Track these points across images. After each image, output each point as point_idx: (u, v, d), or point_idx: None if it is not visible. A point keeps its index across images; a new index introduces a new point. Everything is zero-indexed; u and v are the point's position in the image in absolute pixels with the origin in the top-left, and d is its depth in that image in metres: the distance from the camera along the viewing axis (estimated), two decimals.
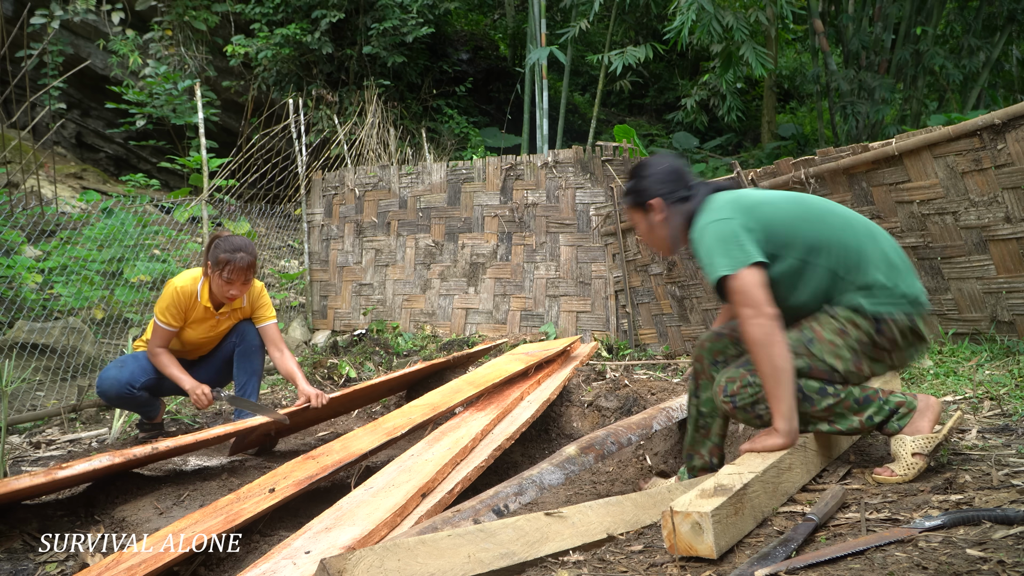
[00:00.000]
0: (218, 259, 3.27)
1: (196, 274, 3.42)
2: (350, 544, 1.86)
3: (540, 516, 1.86)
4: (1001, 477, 1.94)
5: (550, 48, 7.76)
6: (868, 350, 2.01)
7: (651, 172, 2.22)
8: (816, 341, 2.00)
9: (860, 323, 2.00)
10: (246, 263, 3.29)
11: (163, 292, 3.40)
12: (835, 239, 2.03)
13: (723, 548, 1.61)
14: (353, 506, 2.15)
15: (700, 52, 10.92)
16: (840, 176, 4.32)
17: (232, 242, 3.31)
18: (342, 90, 9.20)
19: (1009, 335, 3.86)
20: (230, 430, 3.03)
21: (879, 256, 2.04)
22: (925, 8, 7.48)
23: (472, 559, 1.60)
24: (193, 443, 2.82)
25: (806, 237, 2.02)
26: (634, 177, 2.26)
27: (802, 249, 2.02)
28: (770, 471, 1.87)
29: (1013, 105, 3.73)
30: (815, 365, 2.00)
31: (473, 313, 6.13)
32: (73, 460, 2.48)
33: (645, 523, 1.95)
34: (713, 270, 1.97)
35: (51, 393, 4.34)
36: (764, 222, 2.03)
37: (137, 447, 2.60)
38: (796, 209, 2.07)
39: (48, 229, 5.72)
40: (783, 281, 2.03)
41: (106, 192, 8.31)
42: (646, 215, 2.23)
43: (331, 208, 6.80)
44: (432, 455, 2.54)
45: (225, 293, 3.32)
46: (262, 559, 1.87)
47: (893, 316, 1.99)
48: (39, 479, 2.33)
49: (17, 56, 7.29)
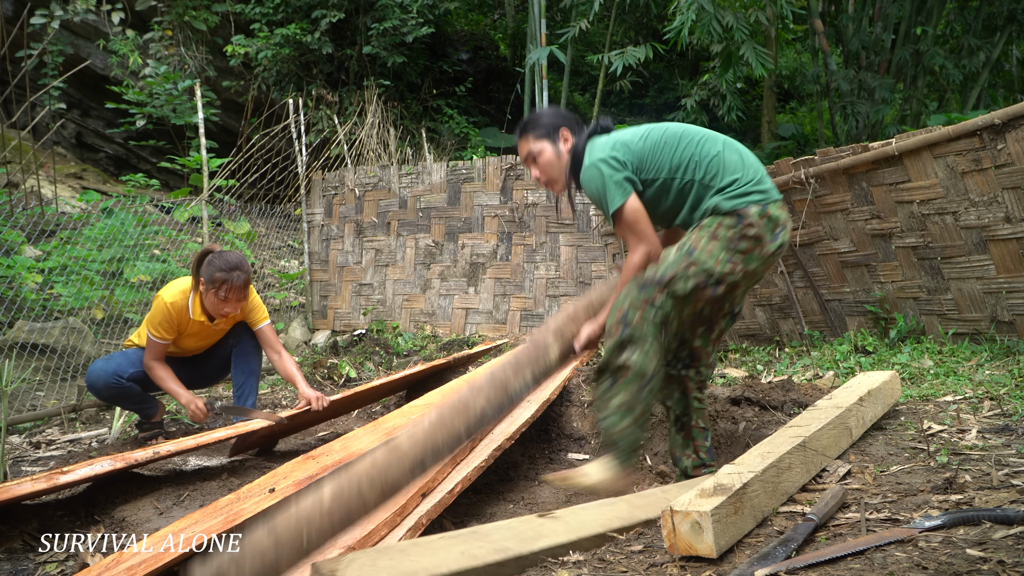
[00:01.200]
0: (213, 277, 3.21)
1: (185, 287, 3.36)
2: (350, 544, 1.86)
3: (533, 518, 1.87)
4: (1001, 477, 1.94)
5: (550, 48, 7.76)
6: (738, 245, 2.18)
7: (550, 111, 2.44)
8: (695, 249, 2.18)
9: (724, 222, 2.20)
10: (242, 282, 3.24)
11: (154, 307, 3.34)
12: (695, 153, 2.28)
13: (723, 548, 1.61)
14: None
15: (700, 52, 10.91)
16: (840, 176, 4.32)
17: (227, 259, 3.24)
18: (342, 90, 9.20)
19: (1009, 335, 3.86)
20: (231, 433, 3.03)
21: (734, 159, 2.28)
22: (925, 8, 7.48)
23: (466, 555, 1.60)
24: (194, 446, 2.82)
25: (671, 159, 2.28)
26: (535, 116, 2.41)
27: (668, 169, 2.27)
28: (770, 470, 1.87)
29: (1013, 105, 3.73)
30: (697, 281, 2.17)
31: (473, 313, 6.13)
32: (74, 463, 2.48)
33: (640, 519, 1.95)
34: (610, 204, 2.22)
35: (51, 393, 4.34)
36: (638, 154, 2.28)
37: (138, 450, 2.60)
38: (661, 136, 2.32)
39: (48, 229, 5.72)
40: (659, 198, 2.30)
41: (106, 192, 8.31)
42: (554, 144, 2.38)
43: (331, 208, 6.80)
44: None
45: (220, 311, 3.29)
46: None
47: (748, 207, 2.19)
48: (40, 484, 2.32)
49: (17, 56, 7.29)
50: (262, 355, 3.65)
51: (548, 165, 2.38)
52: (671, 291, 2.14)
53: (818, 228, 4.51)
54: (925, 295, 4.19)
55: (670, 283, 2.14)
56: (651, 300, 2.15)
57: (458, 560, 1.58)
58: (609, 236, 5.68)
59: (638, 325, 2.15)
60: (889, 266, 4.30)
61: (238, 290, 3.23)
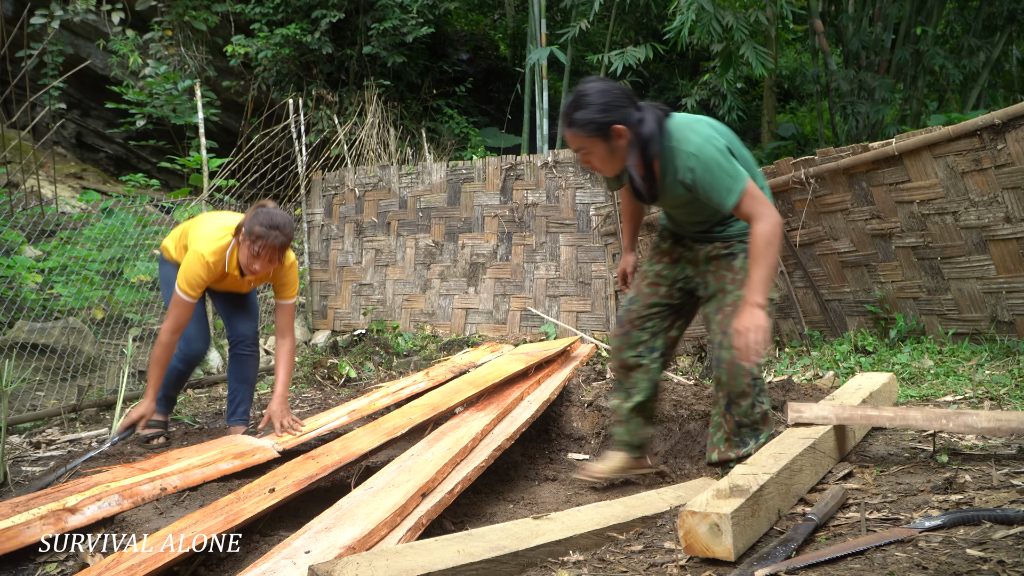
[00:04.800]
0: (252, 230, 2.99)
1: (225, 241, 3.15)
2: (350, 544, 1.86)
3: (529, 520, 1.87)
4: (1001, 477, 1.94)
5: (550, 48, 7.76)
6: None
7: (602, 98, 2.14)
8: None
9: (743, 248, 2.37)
10: (279, 243, 3.01)
11: (188, 259, 3.10)
12: (749, 158, 2.32)
13: (740, 550, 1.59)
14: (353, 506, 2.15)
15: (700, 52, 10.90)
16: (840, 176, 4.32)
17: (272, 217, 3.01)
18: (342, 90, 9.20)
19: (1009, 335, 3.86)
20: (236, 467, 2.80)
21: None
22: (925, 8, 7.48)
23: (462, 553, 1.61)
24: (200, 482, 2.65)
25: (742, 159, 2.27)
26: (583, 106, 2.15)
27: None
28: (783, 472, 1.87)
29: (1013, 105, 3.73)
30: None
31: (473, 313, 6.13)
32: (81, 501, 2.39)
33: (637, 517, 1.96)
34: (736, 186, 2.11)
35: (51, 393, 4.34)
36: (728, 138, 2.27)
37: (144, 485, 2.50)
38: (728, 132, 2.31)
39: (48, 229, 5.72)
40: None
41: (106, 192, 8.31)
42: (607, 142, 2.17)
43: (331, 208, 6.80)
44: (432, 455, 2.54)
45: (249, 266, 3.06)
46: (262, 559, 1.87)
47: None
48: (48, 529, 2.25)
49: (17, 56, 7.29)
50: (259, 361, 3.60)
51: (602, 161, 2.24)
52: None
53: (818, 228, 4.51)
54: (925, 295, 4.19)
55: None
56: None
57: (454, 558, 1.58)
58: (609, 236, 5.68)
59: (759, 376, 2.37)
60: (889, 266, 4.30)
61: (272, 250, 3.01)
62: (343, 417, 3.19)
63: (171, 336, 3.13)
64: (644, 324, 2.56)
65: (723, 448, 2.46)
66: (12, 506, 2.34)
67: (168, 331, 3.12)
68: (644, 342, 2.56)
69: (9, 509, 2.31)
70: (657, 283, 2.56)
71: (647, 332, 2.56)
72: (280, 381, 3.20)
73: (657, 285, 2.56)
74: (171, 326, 3.12)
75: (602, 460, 2.70)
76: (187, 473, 2.62)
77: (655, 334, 2.56)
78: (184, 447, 3.10)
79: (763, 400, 2.39)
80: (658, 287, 2.56)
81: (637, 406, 2.60)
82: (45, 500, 2.38)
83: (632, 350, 2.56)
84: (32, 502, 2.38)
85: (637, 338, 2.56)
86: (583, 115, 2.14)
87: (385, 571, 1.50)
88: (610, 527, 1.88)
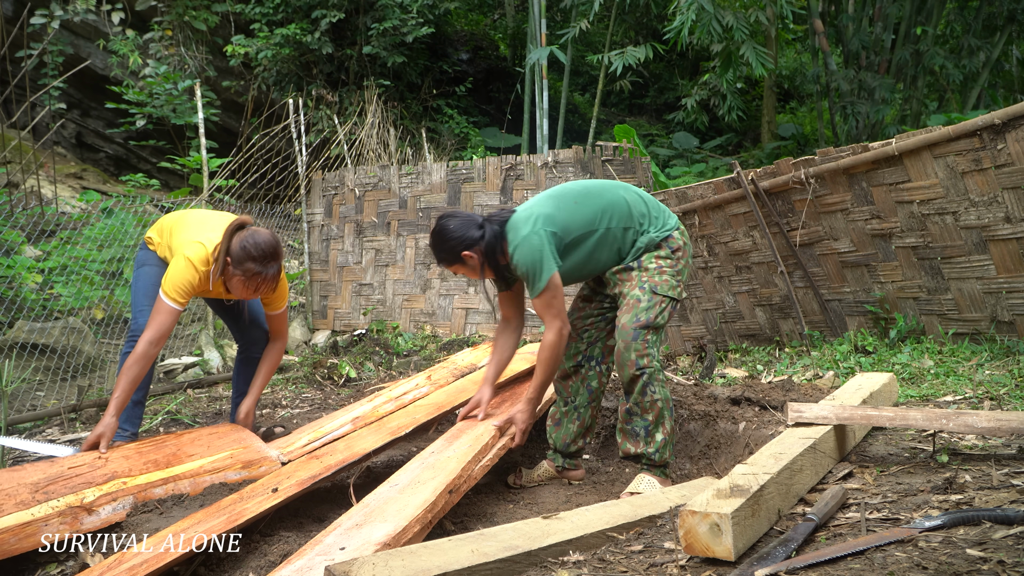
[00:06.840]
0: (246, 266, 2.78)
1: (208, 256, 2.88)
2: (385, 541, 1.84)
3: (539, 519, 1.88)
4: (1001, 477, 1.94)
5: (550, 48, 7.77)
6: (678, 267, 2.62)
7: (450, 235, 2.59)
8: (656, 287, 2.55)
9: (661, 252, 2.61)
10: (275, 273, 2.83)
11: (178, 266, 2.84)
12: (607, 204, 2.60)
13: (740, 550, 1.60)
14: (381, 502, 2.12)
15: (700, 52, 10.91)
16: (840, 176, 4.33)
17: (261, 247, 2.78)
18: (342, 90, 9.20)
19: (1009, 335, 3.87)
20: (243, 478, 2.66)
21: (636, 200, 2.66)
22: (925, 8, 7.48)
23: (476, 552, 1.62)
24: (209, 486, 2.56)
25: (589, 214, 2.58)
26: (440, 244, 2.61)
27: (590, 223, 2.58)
28: (784, 472, 1.87)
29: (1013, 105, 3.73)
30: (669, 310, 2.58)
31: (473, 313, 6.13)
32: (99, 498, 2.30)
33: (644, 516, 1.96)
34: (544, 274, 2.50)
35: (51, 393, 4.34)
36: (561, 223, 2.55)
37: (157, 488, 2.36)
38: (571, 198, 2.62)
39: (48, 229, 5.73)
40: (593, 252, 2.60)
41: (106, 192, 8.31)
42: (466, 264, 2.60)
43: (331, 208, 6.80)
44: (454, 452, 2.50)
45: (239, 293, 2.90)
46: (295, 555, 1.85)
47: (672, 234, 2.63)
48: (65, 529, 2.15)
49: (17, 56, 7.29)
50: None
51: (472, 274, 2.65)
52: (657, 325, 2.52)
53: (818, 228, 4.52)
54: (925, 295, 4.19)
55: (655, 321, 2.51)
56: (649, 341, 2.50)
57: (469, 557, 1.59)
58: None
59: (649, 365, 2.50)
60: (889, 266, 4.30)
61: (270, 282, 2.84)
62: (347, 425, 3.14)
63: (151, 348, 2.77)
64: (581, 334, 2.78)
65: (619, 439, 2.64)
66: (32, 490, 2.28)
67: (148, 341, 2.76)
68: (581, 351, 2.77)
69: (28, 495, 2.25)
70: (590, 297, 2.82)
71: (584, 342, 2.78)
72: (257, 383, 3.15)
73: (589, 300, 2.81)
74: (153, 336, 2.77)
75: (534, 468, 2.91)
76: (197, 479, 2.58)
77: (592, 343, 2.78)
78: (195, 430, 3.06)
79: (655, 389, 2.51)
80: (590, 300, 2.81)
81: (572, 412, 2.78)
82: (63, 489, 2.33)
83: (571, 360, 2.77)
84: (50, 487, 2.32)
85: (575, 348, 2.77)
86: (440, 253, 2.63)
87: (402, 571, 1.51)
88: (619, 526, 1.88)
